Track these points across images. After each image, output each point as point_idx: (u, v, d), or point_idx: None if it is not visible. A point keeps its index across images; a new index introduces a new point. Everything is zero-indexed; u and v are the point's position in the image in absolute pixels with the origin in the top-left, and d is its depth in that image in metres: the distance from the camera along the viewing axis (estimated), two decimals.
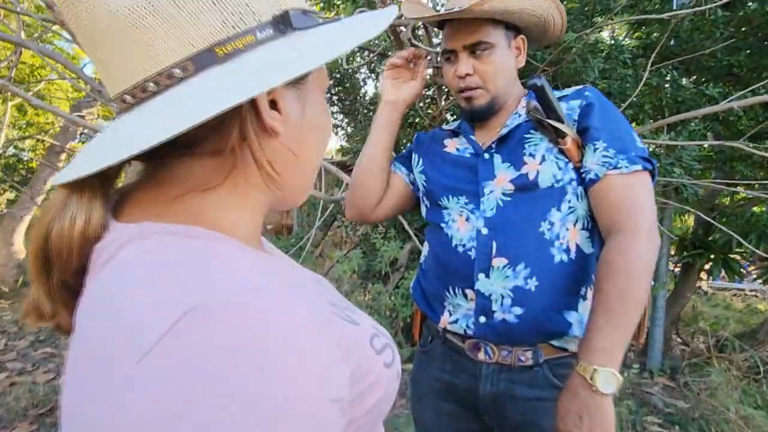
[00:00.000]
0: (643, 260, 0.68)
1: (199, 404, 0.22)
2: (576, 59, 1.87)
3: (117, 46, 0.31)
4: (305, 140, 0.38)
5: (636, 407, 2.41)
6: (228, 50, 0.31)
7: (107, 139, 0.33)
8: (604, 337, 0.66)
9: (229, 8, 0.31)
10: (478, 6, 0.75)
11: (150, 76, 0.31)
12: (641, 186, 0.73)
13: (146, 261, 0.29)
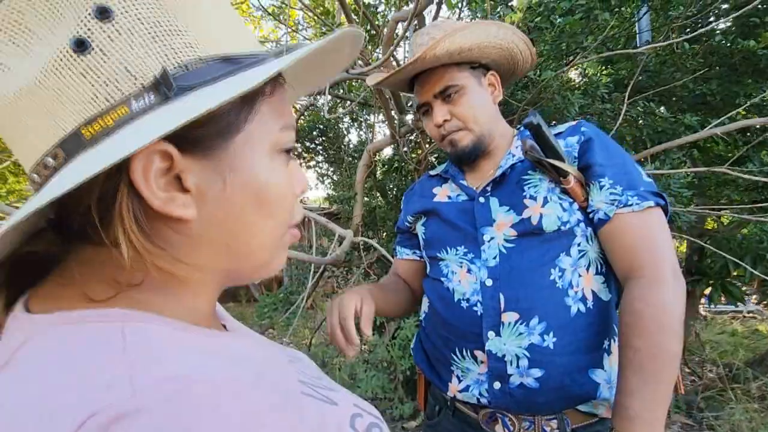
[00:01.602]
0: (672, 308, 0.61)
1: None
2: (555, 96, 1.90)
3: (8, 135, 0.28)
4: (239, 214, 0.31)
5: None
6: (96, 129, 0.26)
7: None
8: (642, 401, 0.57)
9: (102, 77, 0.26)
10: (430, 51, 0.72)
11: (32, 167, 0.27)
12: (656, 223, 0.67)
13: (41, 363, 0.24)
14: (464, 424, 0.75)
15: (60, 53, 0.25)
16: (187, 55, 0.28)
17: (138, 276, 0.28)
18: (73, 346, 0.24)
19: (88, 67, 0.25)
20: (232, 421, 0.22)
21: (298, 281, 3.14)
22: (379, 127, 4.26)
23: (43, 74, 0.25)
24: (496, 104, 0.85)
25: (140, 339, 0.25)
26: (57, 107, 0.25)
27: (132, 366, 0.23)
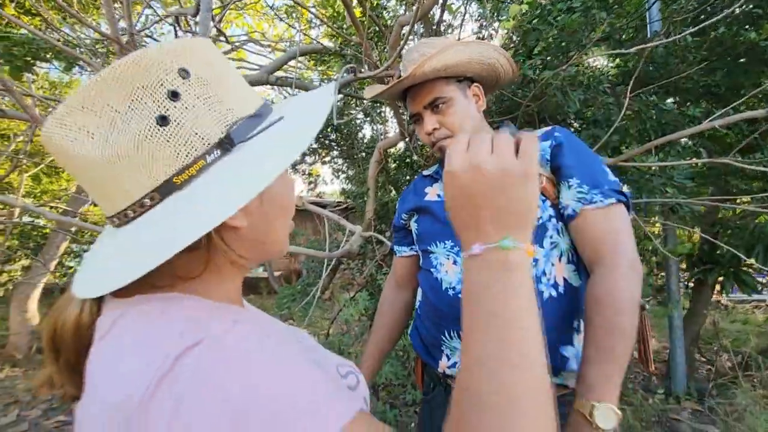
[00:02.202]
0: (627, 292, 0.70)
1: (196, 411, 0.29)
2: (557, 93, 1.96)
3: (97, 183, 0.38)
4: (269, 219, 0.44)
5: None
6: (184, 178, 0.37)
7: (109, 256, 0.39)
8: (598, 370, 0.67)
9: (180, 141, 0.37)
10: (419, 69, 0.82)
11: (128, 206, 0.38)
12: (618, 218, 0.76)
13: (133, 328, 0.36)
14: None
15: (148, 127, 0.36)
16: (231, 118, 0.39)
17: (196, 270, 0.40)
18: (150, 315, 0.36)
19: (170, 135, 0.37)
20: (254, 356, 0.33)
21: (315, 273, 3.28)
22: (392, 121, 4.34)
23: (137, 142, 0.36)
24: (481, 112, 0.94)
25: (193, 309, 0.37)
26: (150, 164, 0.36)
27: (190, 323, 0.34)
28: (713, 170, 2.51)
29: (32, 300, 4.99)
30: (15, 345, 4.76)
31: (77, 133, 0.36)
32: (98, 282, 0.37)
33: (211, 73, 0.40)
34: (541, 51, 1.88)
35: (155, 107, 0.36)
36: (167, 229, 0.35)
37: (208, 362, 0.31)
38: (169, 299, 0.38)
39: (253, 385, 0.30)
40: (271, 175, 0.35)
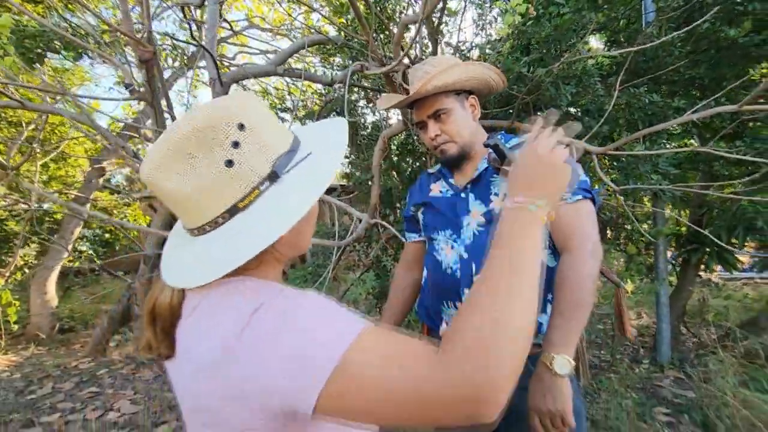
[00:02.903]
0: (587, 274, 0.88)
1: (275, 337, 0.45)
2: (549, 88, 2.10)
3: (184, 208, 0.54)
4: (302, 230, 0.59)
5: (645, 400, 2.54)
6: (246, 203, 0.53)
7: (196, 255, 0.54)
8: (559, 333, 0.85)
9: (243, 177, 0.52)
10: (423, 87, 0.98)
11: (206, 223, 0.53)
12: (584, 212, 0.93)
13: (215, 305, 0.52)
14: None
15: (219, 168, 0.51)
16: (274, 155, 0.54)
17: (253, 266, 0.54)
18: (226, 294, 0.52)
19: (235, 174, 0.51)
20: (307, 304, 0.49)
21: (324, 256, 3.47)
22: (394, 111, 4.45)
23: (212, 180, 0.50)
24: (476, 120, 1.10)
25: (253, 287, 0.53)
26: (221, 194, 0.51)
27: (254, 294, 0.50)
28: (699, 156, 2.66)
29: (50, 283, 5.22)
30: (37, 326, 5.02)
31: (169, 174, 0.51)
32: (191, 277, 0.52)
33: (257, 123, 0.54)
34: (535, 49, 2.02)
35: (223, 154, 0.51)
36: (240, 242, 0.51)
37: (269, 315, 0.47)
38: (236, 282, 0.54)
39: (300, 328, 0.46)
40: (309, 204, 0.51)
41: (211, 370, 0.48)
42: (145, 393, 2.95)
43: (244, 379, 0.45)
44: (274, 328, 0.46)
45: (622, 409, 2.27)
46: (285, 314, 0.48)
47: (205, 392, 0.48)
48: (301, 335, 0.45)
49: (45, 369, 3.65)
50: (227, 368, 0.46)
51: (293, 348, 0.44)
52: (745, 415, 2.07)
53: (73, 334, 5.32)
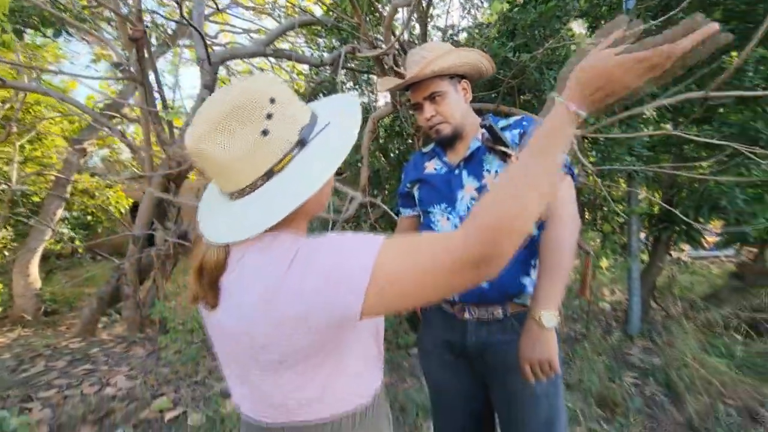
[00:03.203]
0: (567, 240, 1.00)
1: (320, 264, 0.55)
2: (534, 73, 2.20)
3: (226, 174, 0.62)
4: (324, 190, 0.67)
5: (615, 365, 2.76)
6: (281, 167, 0.61)
7: (236, 214, 0.62)
8: (545, 292, 0.97)
9: (277, 144, 0.60)
10: (421, 72, 1.07)
11: (246, 186, 0.61)
12: (565, 186, 1.05)
13: (259, 255, 0.62)
14: (445, 315, 1.17)
15: (255, 138, 0.58)
16: (300, 125, 0.62)
17: (286, 222, 0.62)
18: (268, 245, 0.61)
19: (269, 141, 0.59)
20: (332, 237, 0.58)
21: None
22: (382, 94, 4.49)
23: (250, 148, 0.58)
24: (468, 103, 1.20)
25: (289, 237, 0.62)
26: (259, 160, 0.59)
27: (292, 243, 0.59)
28: (671, 140, 2.82)
29: (33, 265, 5.16)
30: (22, 308, 4.97)
31: (213, 146, 0.59)
32: (236, 233, 0.60)
33: (285, 97, 0.62)
34: (521, 35, 2.11)
35: (260, 125, 0.59)
36: (277, 201, 0.59)
37: (306, 252, 0.57)
38: (274, 236, 0.62)
39: (334, 251, 0.56)
40: (334, 169, 0.60)
41: (263, 305, 0.57)
42: (140, 369, 3.02)
43: (292, 304, 0.55)
44: (312, 259, 0.56)
45: (594, 372, 2.46)
46: (319, 247, 0.58)
47: (260, 326, 0.57)
48: (335, 256, 0.56)
49: (35, 349, 3.67)
50: (277, 299, 0.56)
51: (331, 268, 0.54)
52: (703, 374, 2.28)
53: (58, 317, 5.29)
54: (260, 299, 0.57)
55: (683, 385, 2.27)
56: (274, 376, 0.59)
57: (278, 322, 0.55)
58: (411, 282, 0.53)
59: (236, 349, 0.63)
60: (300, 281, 0.55)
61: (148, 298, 4.10)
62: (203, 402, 2.43)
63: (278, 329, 0.56)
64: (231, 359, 0.65)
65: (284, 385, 0.60)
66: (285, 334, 0.56)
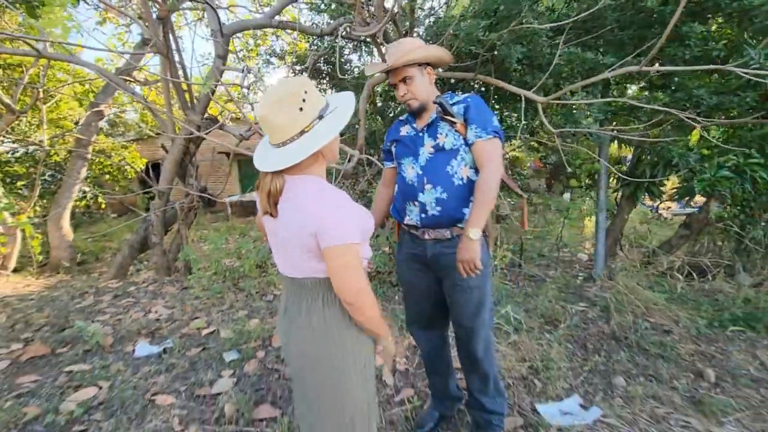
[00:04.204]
0: (492, 182, 1.44)
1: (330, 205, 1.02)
2: (503, 48, 2.59)
3: (278, 132, 1.05)
4: (333, 147, 1.11)
5: (572, 299, 3.30)
6: (308, 129, 1.04)
7: (281, 154, 1.09)
8: (474, 216, 1.43)
9: (307, 116, 1.03)
10: (396, 62, 1.50)
11: (287, 139, 1.05)
12: (493, 145, 1.49)
13: (304, 187, 1.09)
14: (412, 236, 1.65)
15: (296, 112, 1.01)
16: (321, 106, 1.07)
17: (312, 164, 1.09)
18: (303, 181, 1.06)
19: (303, 114, 1.01)
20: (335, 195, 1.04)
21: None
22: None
23: (293, 117, 1.01)
24: (432, 83, 1.63)
25: (315, 178, 1.08)
26: (298, 124, 1.02)
27: (318, 183, 1.05)
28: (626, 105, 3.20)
29: (65, 218, 5.70)
30: (59, 256, 5.57)
31: (273, 115, 1.02)
32: (279, 165, 1.04)
33: (312, 91, 1.06)
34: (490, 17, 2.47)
35: (298, 105, 1.02)
36: (306, 146, 1.04)
37: (325, 192, 1.04)
38: (306, 176, 1.07)
39: (337, 206, 1.00)
40: (338, 130, 1.03)
41: (298, 214, 1.02)
42: (174, 301, 3.61)
43: (306, 218, 1.02)
44: (323, 200, 1.01)
45: (547, 301, 3.01)
46: (333, 196, 1.03)
47: (294, 228, 1.05)
48: (341, 215, 1.00)
49: (80, 289, 4.27)
50: (304, 213, 1.03)
51: (330, 216, 0.99)
52: (632, 300, 2.82)
53: (88, 265, 5.91)
54: (295, 214, 1.05)
55: (614, 308, 2.82)
56: (300, 254, 1.07)
57: (300, 227, 1.02)
58: (342, 265, 0.99)
59: (284, 240, 1.11)
60: (314, 207, 1.00)
61: (173, 245, 4.67)
62: (231, 323, 3.01)
63: (301, 231, 1.03)
64: (280, 246, 1.14)
65: (304, 259, 1.08)
66: (304, 236, 1.03)
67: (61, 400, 2.05)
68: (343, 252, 0.98)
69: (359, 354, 1.10)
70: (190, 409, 1.96)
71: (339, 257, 0.99)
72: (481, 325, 1.60)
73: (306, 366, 1.10)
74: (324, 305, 1.07)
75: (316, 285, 1.08)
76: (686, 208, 6.41)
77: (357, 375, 1.10)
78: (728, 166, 3.27)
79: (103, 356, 2.55)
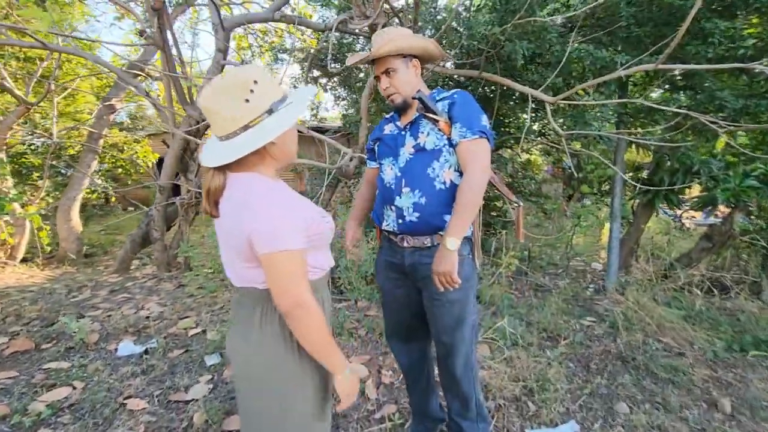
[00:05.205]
0: (476, 186, 1.29)
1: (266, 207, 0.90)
2: (507, 44, 2.42)
3: (220, 124, 0.94)
4: (285, 143, 0.99)
5: (579, 311, 3.11)
6: (253, 124, 0.93)
7: (223, 148, 0.97)
8: (453, 223, 1.29)
9: (253, 109, 0.91)
10: (377, 52, 1.36)
11: (230, 133, 0.93)
12: (479, 146, 1.34)
13: (245, 186, 0.97)
14: (390, 243, 1.51)
15: (241, 104, 0.90)
16: (272, 99, 0.95)
17: (259, 163, 0.99)
18: (244, 179, 0.95)
19: (250, 107, 0.90)
20: (277, 195, 0.93)
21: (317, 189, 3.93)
22: None
23: (237, 110, 0.89)
24: (418, 77, 1.48)
25: (258, 177, 0.97)
26: (242, 118, 0.91)
27: (260, 181, 0.94)
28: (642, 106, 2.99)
29: (74, 211, 5.75)
30: (66, 249, 5.63)
31: (215, 105, 0.91)
32: (221, 160, 0.93)
33: (264, 81, 0.94)
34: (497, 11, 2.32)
35: (244, 96, 0.91)
36: (248, 142, 0.93)
37: (266, 192, 0.91)
38: (251, 174, 0.96)
39: (274, 203, 0.90)
40: (284, 128, 0.91)
41: (235, 216, 0.91)
42: (168, 298, 3.55)
43: (243, 221, 0.89)
44: (260, 201, 0.90)
45: (549, 313, 2.83)
46: (274, 197, 0.91)
47: (232, 231, 0.93)
48: (278, 219, 0.88)
49: (80, 282, 4.27)
50: (240, 215, 0.92)
51: (265, 219, 0.87)
52: (642, 317, 2.62)
53: (95, 258, 5.95)
54: (232, 216, 0.93)
55: (622, 325, 2.62)
56: (238, 260, 0.96)
57: (239, 229, 0.91)
58: (276, 274, 0.88)
59: (224, 243, 1.00)
60: (254, 208, 0.89)
61: (174, 241, 4.64)
62: (219, 324, 2.92)
63: (237, 232, 0.91)
64: (224, 248, 1.03)
65: (242, 266, 0.97)
66: (240, 240, 0.91)
67: (32, 399, 1.99)
68: (280, 260, 0.86)
69: (304, 380, 0.97)
70: (159, 416, 1.87)
71: (274, 265, 0.86)
72: (460, 341, 1.46)
73: (242, 387, 0.99)
74: (262, 320, 0.95)
75: (255, 296, 0.96)
76: (710, 219, 6.07)
77: (302, 404, 0.97)
78: (755, 175, 3.03)
79: (84, 354, 2.50)
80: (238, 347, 0.97)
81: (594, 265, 4.91)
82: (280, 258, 0.85)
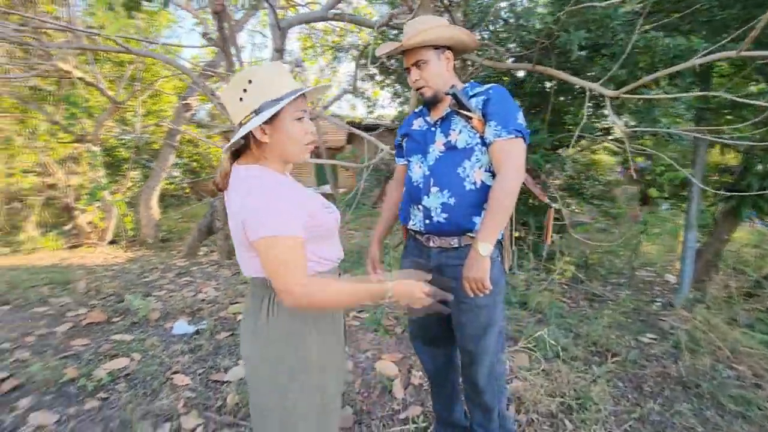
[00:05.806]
0: (509, 189, 1.21)
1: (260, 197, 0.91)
2: (561, 33, 2.26)
3: (229, 114, 0.99)
4: (280, 141, 0.98)
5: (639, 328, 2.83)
6: (245, 120, 0.94)
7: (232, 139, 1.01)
8: (486, 228, 1.22)
9: (246, 108, 0.93)
10: (407, 42, 1.31)
11: (237, 125, 0.96)
12: (515, 146, 1.24)
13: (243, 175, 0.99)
14: (417, 243, 1.47)
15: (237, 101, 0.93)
16: (264, 99, 0.95)
17: (262, 157, 1.00)
18: (245, 170, 0.97)
19: (244, 105, 0.93)
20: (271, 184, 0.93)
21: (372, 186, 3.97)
22: None
23: (234, 106, 0.93)
24: (450, 70, 1.42)
25: (258, 168, 0.98)
26: (237, 114, 0.94)
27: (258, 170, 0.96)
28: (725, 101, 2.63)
29: (153, 200, 6.36)
30: (147, 234, 6.24)
31: (224, 101, 0.96)
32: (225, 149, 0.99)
33: (260, 81, 0.95)
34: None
35: (239, 95, 0.93)
36: (237, 137, 0.94)
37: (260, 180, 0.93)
38: (251, 166, 0.97)
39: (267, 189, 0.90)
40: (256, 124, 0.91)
41: (234, 203, 0.94)
42: (225, 284, 3.79)
43: (239, 208, 0.91)
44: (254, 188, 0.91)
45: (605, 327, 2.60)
46: (268, 184, 0.92)
47: (234, 217, 0.97)
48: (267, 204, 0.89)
49: (153, 264, 4.71)
50: (236, 202, 0.93)
51: (257, 205, 0.88)
52: (712, 339, 2.32)
53: (170, 243, 6.53)
54: (231, 204, 0.96)
55: (688, 346, 2.33)
56: (242, 249, 0.98)
57: (237, 220, 0.93)
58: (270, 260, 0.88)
59: (234, 231, 1.03)
60: (251, 195, 0.90)
61: None
62: None
63: (237, 223, 0.94)
64: (233, 238, 1.06)
65: (246, 255, 0.98)
66: (239, 226, 0.93)
67: (96, 366, 2.23)
68: (272, 245, 0.86)
69: (310, 375, 0.97)
70: (198, 393, 2.01)
71: (266, 251, 0.87)
72: (484, 351, 1.38)
73: (250, 376, 1.01)
74: (268, 310, 0.96)
75: (260, 285, 0.98)
76: None
77: (308, 399, 0.97)
78: None
79: (145, 329, 2.75)
80: (245, 336, 1.00)
81: (667, 277, 4.45)
82: (271, 243, 0.86)
